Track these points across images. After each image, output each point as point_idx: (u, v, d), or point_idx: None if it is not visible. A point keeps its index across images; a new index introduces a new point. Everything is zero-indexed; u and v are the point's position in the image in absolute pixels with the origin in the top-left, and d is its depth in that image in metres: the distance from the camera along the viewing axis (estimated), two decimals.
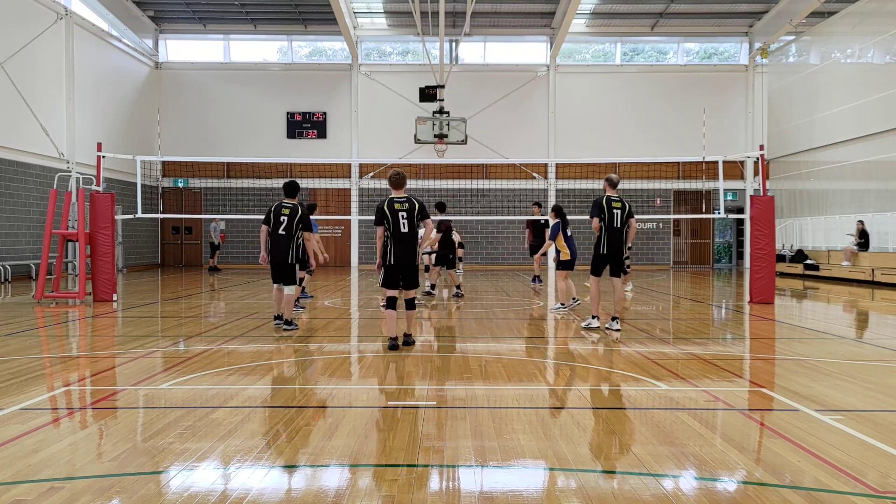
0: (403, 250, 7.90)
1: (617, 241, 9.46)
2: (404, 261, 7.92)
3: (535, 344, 9.07)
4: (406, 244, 7.91)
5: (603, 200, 9.51)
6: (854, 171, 21.97)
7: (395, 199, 8.00)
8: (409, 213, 7.93)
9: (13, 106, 19.41)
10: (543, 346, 8.87)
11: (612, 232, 9.44)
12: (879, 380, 6.53)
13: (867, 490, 3.68)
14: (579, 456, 4.25)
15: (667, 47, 29.60)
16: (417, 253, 8.08)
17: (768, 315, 11.84)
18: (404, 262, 7.93)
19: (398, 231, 7.89)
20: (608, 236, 9.42)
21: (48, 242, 13.49)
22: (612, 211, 9.42)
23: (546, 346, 8.97)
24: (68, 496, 3.56)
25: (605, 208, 9.42)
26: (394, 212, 7.91)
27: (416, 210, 7.96)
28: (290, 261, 9.39)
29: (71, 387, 6.30)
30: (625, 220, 9.50)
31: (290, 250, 9.36)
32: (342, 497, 3.60)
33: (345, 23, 25.02)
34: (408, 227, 7.91)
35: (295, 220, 9.35)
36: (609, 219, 9.41)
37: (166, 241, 28.97)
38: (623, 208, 9.51)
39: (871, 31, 21.10)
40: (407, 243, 7.91)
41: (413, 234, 7.97)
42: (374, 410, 5.50)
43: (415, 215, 7.95)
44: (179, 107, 28.39)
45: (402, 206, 7.94)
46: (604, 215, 9.42)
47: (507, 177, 27.37)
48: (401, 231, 7.89)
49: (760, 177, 14.61)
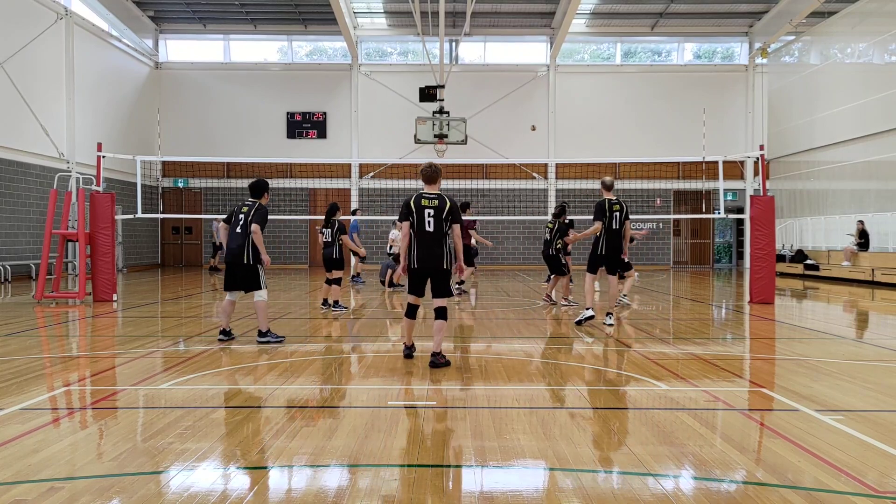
0: (426, 253, 6.99)
1: (614, 242, 9.81)
2: (428, 264, 7.01)
3: (535, 344, 9.07)
4: (430, 246, 6.99)
5: (605, 204, 9.82)
6: (854, 171, 21.98)
7: (425, 195, 7.07)
8: (437, 210, 6.98)
9: (13, 106, 19.41)
10: (543, 346, 8.87)
11: (611, 234, 9.79)
12: (879, 380, 6.53)
13: (867, 490, 3.68)
14: (579, 456, 4.25)
15: (667, 47, 29.60)
16: (444, 256, 7.03)
17: (768, 315, 11.84)
18: (428, 266, 7.03)
19: (422, 229, 6.99)
20: (607, 238, 9.77)
21: (48, 242, 13.49)
22: (612, 214, 9.77)
23: (546, 346, 8.96)
24: (68, 496, 3.56)
25: (608, 211, 9.78)
26: (420, 208, 7.00)
27: (445, 209, 7.00)
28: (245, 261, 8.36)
29: (71, 387, 6.30)
30: (622, 222, 9.82)
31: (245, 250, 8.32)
32: (342, 497, 3.60)
33: (345, 23, 25.02)
34: (433, 227, 6.97)
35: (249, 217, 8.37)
36: (609, 221, 9.77)
37: (166, 241, 28.97)
38: (621, 210, 9.84)
39: (871, 31, 21.10)
40: (431, 244, 6.99)
41: (439, 234, 7.00)
42: (374, 410, 5.50)
43: (443, 215, 6.99)
44: (179, 107, 28.39)
45: (431, 203, 7.01)
46: (605, 218, 9.77)
47: (507, 177, 27.38)
48: (425, 229, 6.98)
49: (760, 177, 14.61)
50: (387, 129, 27.68)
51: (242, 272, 8.39)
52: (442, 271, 7.05)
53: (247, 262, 8.31)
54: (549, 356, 8.12)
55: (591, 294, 10.14)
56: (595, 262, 10.07)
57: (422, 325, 10.67)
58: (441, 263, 7.02)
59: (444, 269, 7.05)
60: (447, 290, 7.13)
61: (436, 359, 6.99)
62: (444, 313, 7.13)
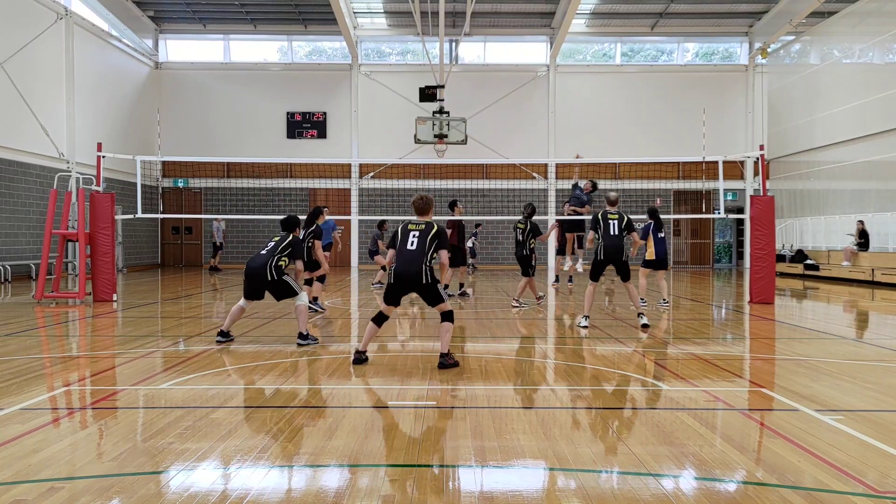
0: (404, 268, 7.03)
1: (613, 248, 10.03)
2: (405, 278, 7.03)
3: (535, 344, 9.07)
4: (408, 262, 7.01)
5: (599, 214, 10.36)
6: (854, 171, 21.97)
7: (412, 222, 7.26)
8: (422, 233, 7.10)
9: (13, 106, 19.41)
10: (543, 346, 8.87)
11: (608, 240, 10.09)
12: (879, 380, 6.53)
13: (867, 490, 3.68)
14: (579, 456, 4.25)
15: (667, 47, 29.59)
16: (422, 273, 7.01)
17: (768, 315, 11.84)
18: (405, 280, 7.04)
19: (404, 247, 7.09)
20: (604, 245, 10.10)
21: (48, 242, 13.49)
22: (607, 222, 10.16)
23: (546, 346, 8.97)
24: (68, 496, 3.56)
25: (601, 221, 10.22)
26: (406, 232, 7.15)
27: (431, 232, 7.10)
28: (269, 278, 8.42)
29: (71, 387, 6.30)
30: (622, 230, 10.11)
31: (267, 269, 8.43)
32: (342, 497, 3.60)
33: (345, 23, 25.02)
34: (416, 246, 7.04)
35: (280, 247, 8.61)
36: (605, 229, 10.14)
37: (166, 241, 28.97)
38: (619, 219, 10.17)
39: (871, 31, 21.10)
40: (410, 261, 7.01)
41: (420, 252, 7.02)
42: (374, 410, 5.50)
43: (428, 237, 7.06)
44: (179, 107, 28.39)
45: (418, 227, 7.16)
46: (599, 227, 10.21)
47: (507, 177, 27.37)
48: (406, 248, 7.07)
49: (760, 177, 14.61)
50: (387, 129, 27.69)
51: (268, 287, 8.47)
52: (422, 285, 7.05)
53: (271, 279, 8.40)
54: (549, 356, 8.12)
55: (589, 302, 10.30)
56: (596, 269, 10.21)
57: (424, 326, 10.67)
58: (419, 279, 7.01)
59: (424, 283, 7.03)
60: (440, 297, 7.13)
61: (444, 360, 7.00)
62: (450, 316, 7.15)
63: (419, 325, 10.77)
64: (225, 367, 7.13)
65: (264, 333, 9.44)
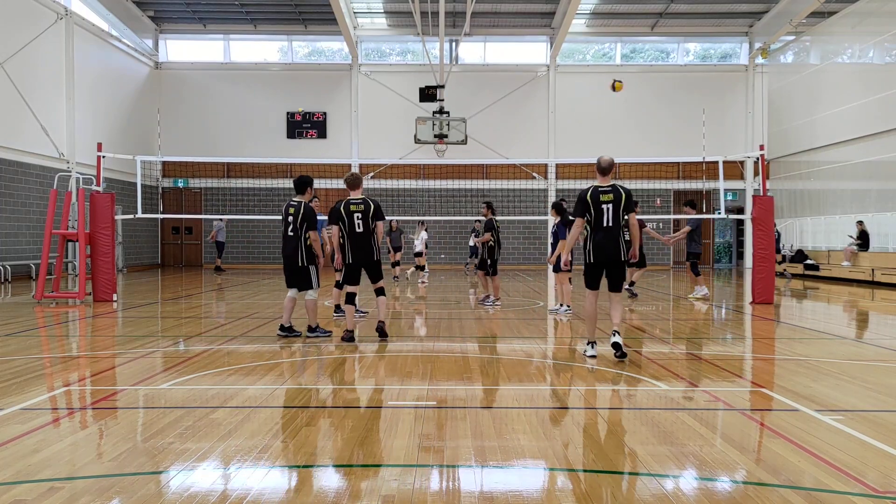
0: (360, 250, 8.44)
1: (608, 244, 7.21)
2: (363, 260, 8.49)
3: (534, 344, 9.07)
4: (362, 243, 8.41)
5: (587, 194, 7.24)
6: (854, 171, 21.97)
7: (352, 201, 8.41)
8: (364, 214, 8.36)
9: (13, 106, 19.41)
10: (543, 346, 8.87)
11: (600, 233, 7.21)
12: (879, 380, 6.53)
13: (867, 490, 3.68)
14: (579, 456, 4.25)
15: (667, 47, 29.59)
16: (374, 250, 8.46)
17: (768, 315, 11.84)
18: (363, 261, 8.50)
19: (353, 231, 8.37)
20: (594, 240, 7.24)
21: (48, 242, 13.48)
22: (599, 206, 7.17)
23: (546, 346, 8.96)
24: (68, 496, 3.56)
25: (591, 203, 7.20)
26: (349, 213, 8.35)
27: (370, 211, 8.39)
28: (300, 263, 8.70)
29: (71, 387, 6.30)
30: (619, 216, 7.20)
31: (298, 252, 8.67)
32: (342, 497, 3.60)
33: (345, 23, 25.02)
34: (362, 228, 8.37)
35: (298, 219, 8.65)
36: (596, 217, 7.20)
37: (166, 241, 28.97)
38: (616, 201, 7.17)
39: (871, 31, 21.10)
40: (363, 242, 8.40)
41: (367, 233, 8.39)
42: (374, 410, 5.50)
43: (369, 216, 8.38)
44: (179, 107, 28.39)
45: (358, 208, 8.36)
46: (589, 213, 7.24)
47: (507, 177, 27.37)
48: (356, 231, 8.37)
49: (760, 177, 14.61)
50: (387, 129, 27.68)
51: (297, 272, 8.84)
52: (373, 262, 8.53)
53: (301, 265, 8.77)
54: (549, 356, 8.11)
55: (591, 321, 7.63)
56: (590, 274, 7.45)
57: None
58: (371, 257, 8.49)
59: (375, 260, 8.52)
60: (380, 274, 8.66)
61: (381, 325, 8.66)
62: (383, 291, 8.82)
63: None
64: (225, 367, 7.13)
65: (264, 333, 9.44)
